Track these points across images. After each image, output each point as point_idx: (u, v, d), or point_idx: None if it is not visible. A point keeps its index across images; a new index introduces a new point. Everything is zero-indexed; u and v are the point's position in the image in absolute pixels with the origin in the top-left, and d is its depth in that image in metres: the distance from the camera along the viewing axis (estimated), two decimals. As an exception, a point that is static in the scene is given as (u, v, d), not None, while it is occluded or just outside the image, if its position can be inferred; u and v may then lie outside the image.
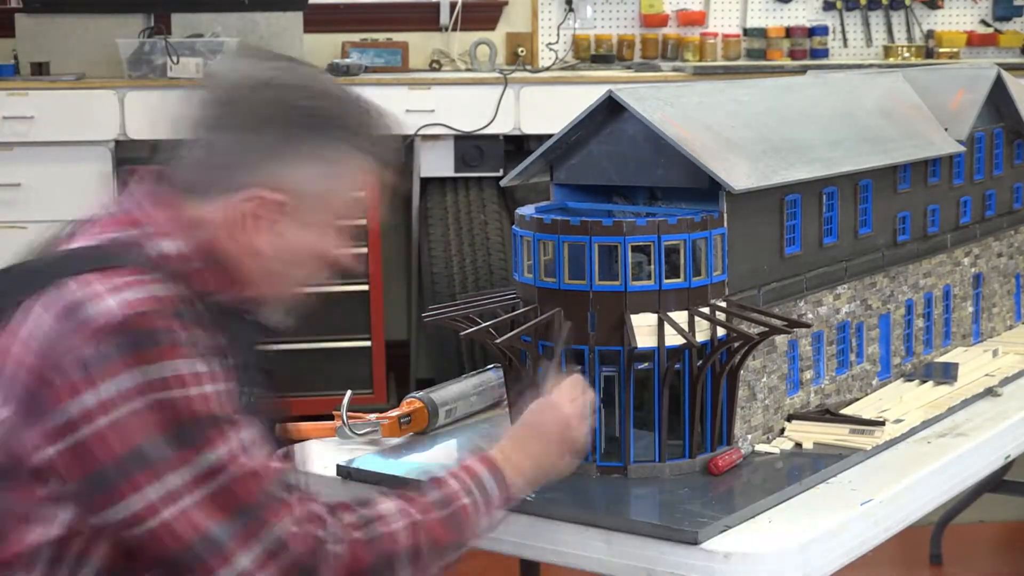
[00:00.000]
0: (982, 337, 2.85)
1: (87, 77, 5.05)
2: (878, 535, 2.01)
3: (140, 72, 5.02)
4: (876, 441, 2.20)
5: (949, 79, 2.78)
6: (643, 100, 2.10)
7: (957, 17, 6.04)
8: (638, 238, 2.00)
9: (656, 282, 2.01)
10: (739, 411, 2.12)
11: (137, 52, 5.03)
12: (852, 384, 2.41)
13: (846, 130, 2.43)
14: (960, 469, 2.23)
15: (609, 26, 5.87)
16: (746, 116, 2.26)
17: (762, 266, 2.17)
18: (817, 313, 2.29)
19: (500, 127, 5.13)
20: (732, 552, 1.83)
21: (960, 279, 2.74)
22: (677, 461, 2.06)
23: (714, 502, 1.95)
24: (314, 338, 4.81)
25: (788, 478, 2.06)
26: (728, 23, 5.94)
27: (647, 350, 2.01)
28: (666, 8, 5.88)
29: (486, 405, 2.42)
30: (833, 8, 5.95)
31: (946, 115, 2.68)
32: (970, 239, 2.77)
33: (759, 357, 2.15)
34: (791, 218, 2.23)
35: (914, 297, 2.57)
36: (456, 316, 2.13)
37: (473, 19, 5.73)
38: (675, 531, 1.86)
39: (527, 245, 2.08)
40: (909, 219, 2.55)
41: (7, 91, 4.86)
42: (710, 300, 2.05)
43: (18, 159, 4.86)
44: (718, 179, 2.03)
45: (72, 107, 4.87)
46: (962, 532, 4.17)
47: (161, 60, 5.01)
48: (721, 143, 2.12)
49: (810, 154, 2.27)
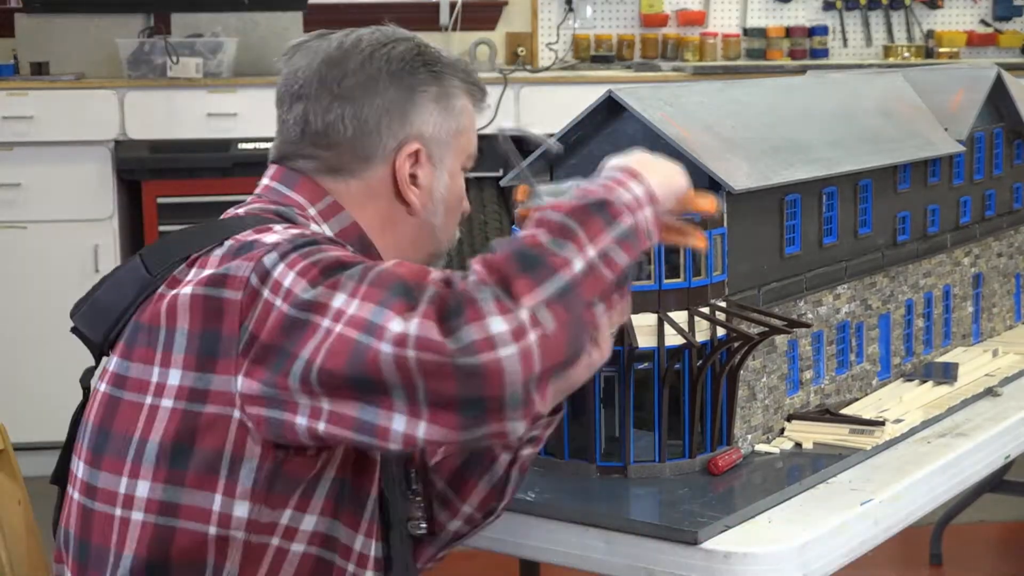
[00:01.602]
0: (982, 337, 2.85)
1: (87, 77, 5.05)
2: (878, 535, 2.01)
3: (140, 72, 5.02)
4: (876, 441, 2.20)
5: (949, 79, 2.78)
6: (643, 100, 2.10)
7: (957, 17, 6.05)
8: (638, 238, 2.00)
9: (656, 282, 2.01)
10: (739, 411, 2.12)
11: (137, 52, 5.04)
12: (852, 384, 2.41)
13: (846, 130, 2.43)
14: (960, 469, 2.23)
15: (609, 26, 5.87)
16: (746, 116, 2.26)
17: (762, 266, 2.17)
18: (817, 313, 2.29)
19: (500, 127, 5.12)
20: (732, 552, 1.83)
21: (960, 279, 2.74)
22: (677, 461, 2.06)
23: (714, 502, 1.95)
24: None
25: (788, 478, 2.06)
26: (728, 23, 5.95)
27: (647, 350, 2.01)
28: (666, 8, 5.89)
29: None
30: (833, 8, 5.96)
31: (946, 115, 2.68)
32: (970, 239, 2.77)
33: (759, 357, 2.15)
34: (791, 218, 2.23)
35: (914, 297, 2.57)
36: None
37: (473, 19, 5.74)
38: (675, 531, 1.86)
39: (527, 245, 2.08)
40: (909, 219, 2.55)
41: (7, 91, 4.86)
42: (710, 300, 2.05)
43: (18, 159, 4.87)
44: (718, 179, 2.03)
45: (72, 107, 4.88)
46: (962, 532, 4.17)
47: (161, 60, 5.01)
48: (721, 143, 2.12)
49: (810, 154, 2.27)
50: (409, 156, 1.75)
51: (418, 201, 1.77)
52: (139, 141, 4.90)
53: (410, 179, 1.76)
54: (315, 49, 1.79)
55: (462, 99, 1.81)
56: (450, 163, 1.80)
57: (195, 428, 1.54)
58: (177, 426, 1.55)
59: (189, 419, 1.55)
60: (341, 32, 1.83)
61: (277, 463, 1.55)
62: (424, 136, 1.77)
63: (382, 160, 1.75)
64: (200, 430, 1.54)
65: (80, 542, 1.61)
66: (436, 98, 1.78)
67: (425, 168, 1.77)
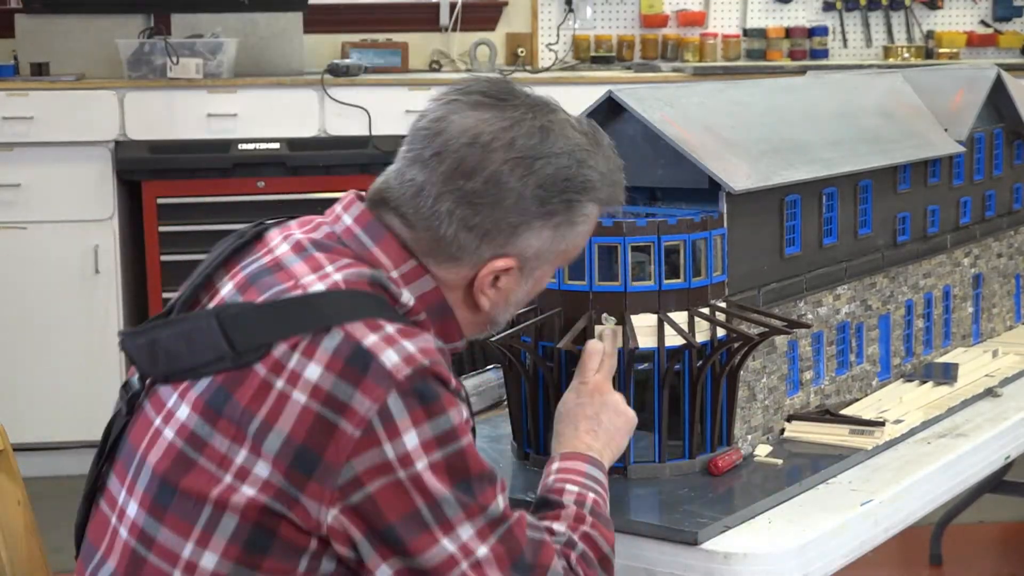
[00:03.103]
0: (982, 337, 2.85)
1: (87, 77, 5.05)
2: (878, 535, 2.01)
3: (140, 72, 5.02)
4: (876, 441, 2.20)
5: (949, 79, 2.78)
6: (643, 100, 2.10)
7: (957, 17, 6.05)
8: (638, 238, 2.00)
9: (656, 282, 2.01)
10: (739, 411, 2.12)
11: (137, 52, 5.04)
12: (852, 384, 2.41)
13: (846, 130, 2.43)
14: (960, 469, 2.23)
15: (609, 26, 5.87)
16: (746, 116, 2.26)
17: (762, 266, 2.17)
18: (817, 313, 2.29)
19: (500, 127, 5.12)
20: (732, 552, 1.83)
21: (960, 279, 2.74)
22: (677, 461, 2.06)
23: (714, 503, 1.95)
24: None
25: (788, 478, 2.06)
26: (728, 23, 5.95)
27: (647, 351, 2.01)
28: (666, 8, 5.89)
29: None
30: (833, 8, 5.96)
31: (946, 115, 2.68)
32: (970, 240, 2.77)
33: (759, 357, 2.15)
34: (791, 218, 2.23)
35: (914, 298, 2.57)
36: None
37: (473, 19, 5.74)
38: (675, 531, 1.86)
39: (527, 245, 2.08)
40: (909, 219, 2.55)
41: (7, 91, 4.86)
42: (710, 300, 2.05)
43: (18, 159, 4.86)
44: (718, 179, 2.03)
45: (72, 107, 4.88)
46: (962, 532, 4.17)
47: (161, 60, 5.01)
48: (721, 143, 2.12)
49: (810, 154, 2.27)
50: (498, 269, 1.69)
51: (488, 304, 1.72)
52: (139, 141, 4.90)
53: (492, 280, 1.70)
54: (471, 122, 1.66)
55: (588, 223, 1.73)
56: (542, 272, 1.75)
57: (278, 525, 1.54)
58: (258, 516, 1.53)
59: (273, 514, 1.54)
60: (505, 111, 1.67)
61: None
62: (524, 254, 1.69)
63: (471, 265, 1.68)
64: (282, 528, 1.54)
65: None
66: (557, 225, 1.69)
67: (512, 276, 1.70)
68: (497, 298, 1.72)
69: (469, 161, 1.64)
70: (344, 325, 1.54)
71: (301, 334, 1.54)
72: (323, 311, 1.56)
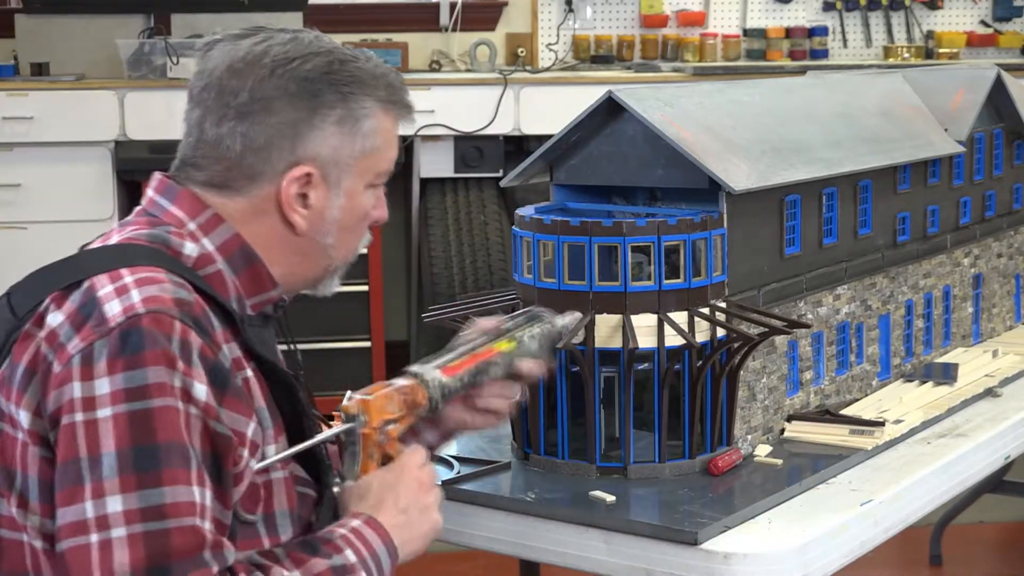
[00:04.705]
0: (982, 337, 2.85)
1: (87, 77, 5.05)
2: (878, 535, 2.01)
3: (140, 73, 5.02)
4: (876, 441, 2.20)
5: (949, 79, 2.78)
6: (643, 100, 2.10)
7: (957, 17, 6.05)
8: (638, 239, 2.00)
9: (656, 282, 2.01)
10: (739, 412, 2.12)
11: (137, 52, 5.04)
12: (852, 385, 2.41)
13: (846, 130, 2.43)
14: (960, 469, 2.23)
15: (609, 27, 5.87)
16: (746, 117, 2.26)
17: (762, 266, 2.17)
18: (817, 313, 2.29)
19: (500, 128, 5.13)
20: (732, 552, 1.83)
21: (960, 280, 2.74)
22: (677, 461, 2.06)
23: (714, 502, 1.95)
24: (314, 338, 4.81)
25: (788, 478, 2.07)
26: (728, 24, 5.95)
27: (647, 351, 2.01)
28: (666, 8, 5.89)
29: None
30: (833, 9, 5.96)
31: (946, 115, 2.68)
32: (970, 240, 2.77)
33: (759, 358, 2.15)
34: (791, 219, 2.23)
35: (914, 298, 2.57)
36: (456, 316, 2.13)
37: (473, 19, 5.74)
38: (675, 531, 1.86)
39: (527, 246, 2.09)
40: (909, 219, 2.55)
41: (7, 91, 4.86)
42: (710, 301, 2.05)
43: (18, 159, 4.87)
44: (718, 179, 2.03)
45: (72, 107, 4.88)
46: (962, 532, 4.17)
47: (161, 61, 5.01)
48: (721, 144, 2.12)
49: (810, 154, 2.27)
50: (298, 178, 1.69)
51: (304, 222, 1.70)
52: (139, 141, 4.90)
53: (299, 199, 1.69)
54: (225, 52, 1.73)
55: (375, 118, 1.73)
56: (350, 184, 1.73)
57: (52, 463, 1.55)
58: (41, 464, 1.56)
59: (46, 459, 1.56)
60: (256, 37, 1.76)
61: None
62: (319, 158, 1.69)
63: (269, 181, 1.68)
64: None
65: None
66: (339, 120, 1.70)
67: (318, 189, 1.70)
68: (312, 216, 1.71)
69: (233, 82, 1.69)
70: (92, 277, 1.59)
71: (62, 290, 1.61)
72: (81, 266, 1.62)
